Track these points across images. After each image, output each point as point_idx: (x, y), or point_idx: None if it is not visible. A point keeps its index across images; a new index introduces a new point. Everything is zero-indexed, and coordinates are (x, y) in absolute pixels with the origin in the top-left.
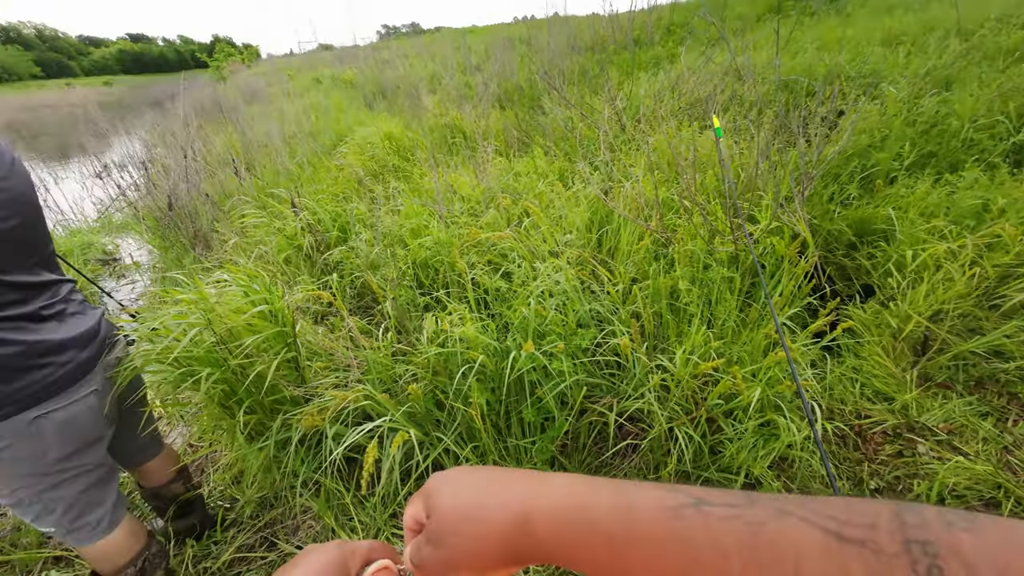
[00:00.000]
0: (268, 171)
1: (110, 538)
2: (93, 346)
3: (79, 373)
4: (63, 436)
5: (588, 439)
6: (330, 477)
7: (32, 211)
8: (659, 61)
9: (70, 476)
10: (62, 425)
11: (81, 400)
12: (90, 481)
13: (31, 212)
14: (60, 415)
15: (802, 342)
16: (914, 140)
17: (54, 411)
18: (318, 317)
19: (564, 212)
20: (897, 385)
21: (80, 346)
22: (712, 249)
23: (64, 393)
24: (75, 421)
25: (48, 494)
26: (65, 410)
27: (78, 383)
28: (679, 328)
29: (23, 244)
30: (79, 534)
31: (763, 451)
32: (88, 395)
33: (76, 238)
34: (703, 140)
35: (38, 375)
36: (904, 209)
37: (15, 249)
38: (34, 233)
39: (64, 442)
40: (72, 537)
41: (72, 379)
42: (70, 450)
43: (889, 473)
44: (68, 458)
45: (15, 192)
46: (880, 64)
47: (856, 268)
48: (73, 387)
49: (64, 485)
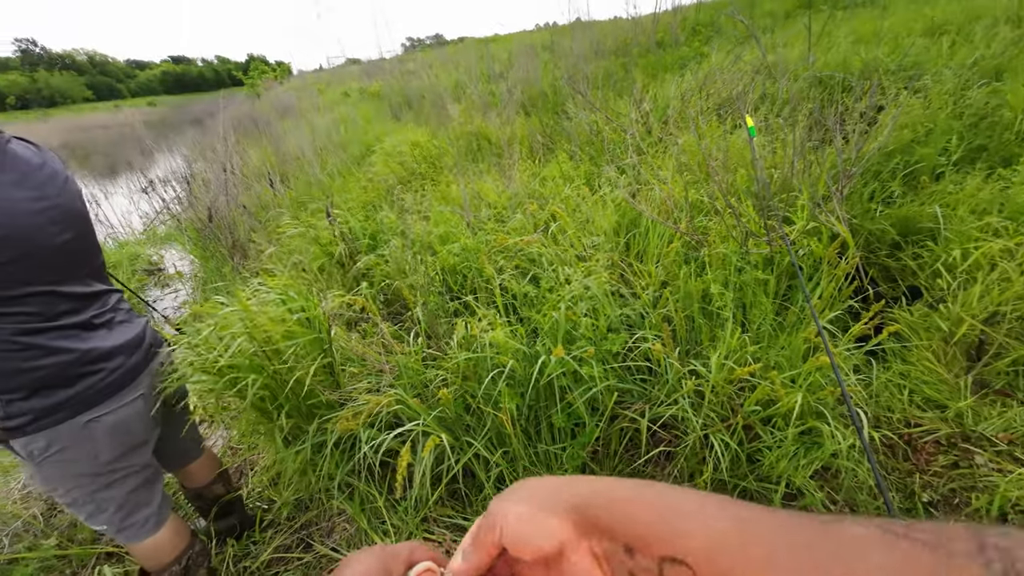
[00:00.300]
0: (301, 182)
1: (157, 536)
2: (139, 352)
3: (128, 378)
4: (113, 438)
5: (620, 446)
6: (363, 480)
7: (84, 225)
8: (686, 62)
9: (120, 477)
10: (112, 428)
11: (129, 404)
12: (138, 482)
13: (83, 226)
14: (110, 418)
15: (844, 346)
16: (962, 134)
17: (105, 415)
18: (351, 323)
19: (591, 216)
20: (950, 392)
21: (128, 353)
22: (745, 251)
23: (114, 397)
24: (124, 424)
25: (100, 494)
26: (115, 414)
27: (127, 388)
28: (712, 332)
29: (76, 256)
30: (128, 532)
31: (804, 460)
32: (136, 399)
33: (125, 250)
34: (734, 140)
35: (90, 380)
36: (952, 206)
37: (69, 261)
38: (85, 246)
39: (114, 444)
40: (122, 535)
41: (121, 384)
42: (119, 452)
43: (944, 485)
44: (118, 460)
45: (68, 207)
46: (922, 56)
47: (901, 269)
48: (122, 392)
49: (114, 486)
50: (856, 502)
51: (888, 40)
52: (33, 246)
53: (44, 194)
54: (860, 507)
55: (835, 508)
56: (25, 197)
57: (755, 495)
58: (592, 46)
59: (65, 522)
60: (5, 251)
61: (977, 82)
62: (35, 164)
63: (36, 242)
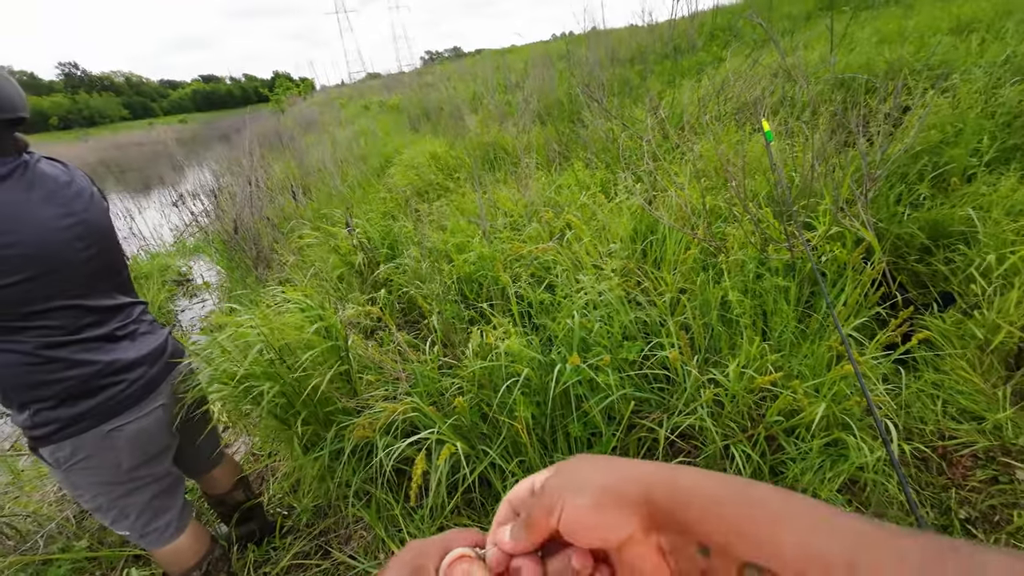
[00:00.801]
0: (322, 194)
1: (178, 542)
2: (161, 363)
3: (149, 388)
4: (134, 447)
5: (637, 456)
6: (380, 488)
7: (109, 240)
8: (703, 67)
9: (141, 484)
10: (134, 437)
11: (150, 413)
12: (159, 489)
13: (108, 241)
14: (132, 427)
15: (871, 355)
16: (994, 133)
17: (127, 424)
18: (368, 332)
19: (607, 223)
20: (987, 403)
21: (150, 363)
22: (765, 258)
23: (136, 407)
24: (145, 433)
25: (122, 500)
26: (136, 423)
27: (148, 397)
28: (732, 340)
29: (101, 271)
30: (150, 538)
31: (830, 472)
32: (156, 409)
33: (156, 261)
34: (752, 144)
35: (113, 391)
36: (986, 208)
37: (94, 276)
38: (110, 260)
39: (136, 453)
40: (144, 541)
41: (143, 394)
42: (141, 460)
43: (982, 502)
44: (139, 467)
45: (94, 224)
46: (950, 54)
47: (932, 274)
48: (143, 401)
49: (136, 492)
50: (887, 517)
51: (913, 39)
52: (59, 262)
53: (71, 211)
54: (891, 522)
55: None
56: (53, 214)
57: None
58: (608, 54)
59: (96, 525)
60: (31, 267)
61: (1010, 80)
62: (62, 182)
63: (62, 257)
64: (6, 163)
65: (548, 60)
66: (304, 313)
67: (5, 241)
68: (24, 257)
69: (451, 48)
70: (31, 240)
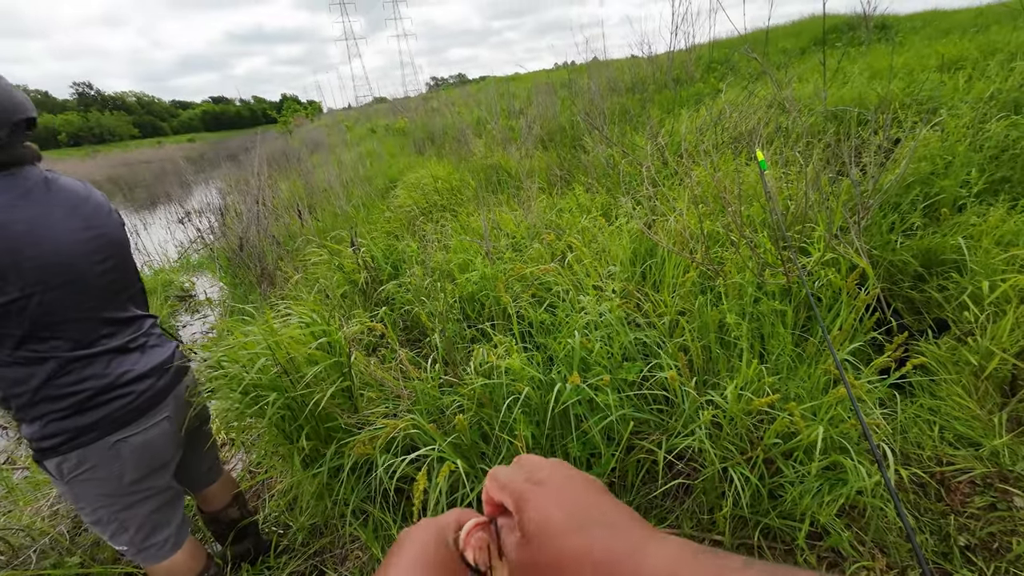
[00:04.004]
0: (328, 213)
1: (174, 558)
2: (168, 375)
3: (155, 400)
4: (139, 459)
5: (636, 478)
6: (378, 507)
7: (125, 253)
8: (701, 98)
9: (142, 497)
10: (139, 448)
11: (156, 425)
12: (159, 503)
13: (124, 254)
14: (137, 439)
15: (867, 379)
16: (983, 166)
17: (133, 435)
18: (370, 348)
19: (607, 246)
20: (983, 429)
21: (157, 375)
22: (762, 282)
23: (143, 419)
24: (150, 445)
25: (123, 513)
26: (142, 435)
27: (154, 409)
28: (730, 363)
29: (117, 284)
30: (147, 553)
31: (829, 497)
32: (161, 420)
33: (159, 277)
34: (748, 172)
35: (121, 402)
36: (976, 238)
37: (110, 289)
38: (126, 273)
39: (140, 465)
40: (141, 556)
41: (150, 406)
42: (144, 472)
43: (981, 529)
44: (141, 480)
45: (111, 237)
46: (938, 90)
47: (926, 301)
48: (150, 413)
49: (137, 505)
50: (886, 543)
51: (903, 75)
52: (79, 274)
53: (90, 224)
54: (891, 549)
55: (863, 549)
56: (74, 228)
57: (778, 533)
58: (609, 83)
59: (89, 541)
60: (53, 280)
61: (996, 115)
62: (82, 196)
63: (82, 270)
64: (29, 176)
65: (550, 88)
66: (309, 328)
67: (29, 254)
68: (46, 270)
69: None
70: (53, 254)
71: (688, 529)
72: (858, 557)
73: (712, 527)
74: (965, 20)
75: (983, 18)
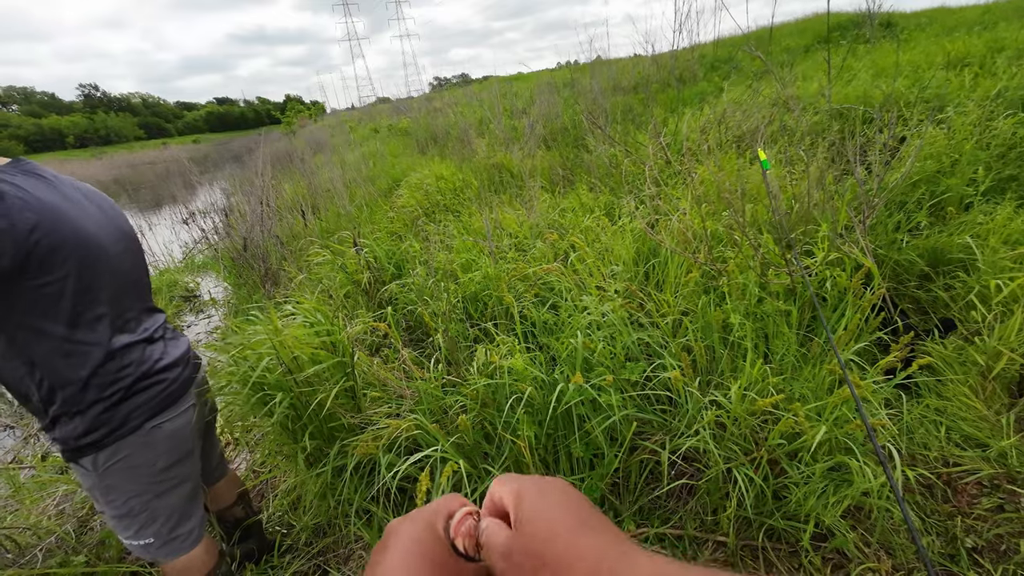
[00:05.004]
0: (331, 214)
1: (193, 553)
2: (190, 366)
3: (184, 388)
4: (171, 445)
5: (639, 479)
6: (381, 507)
7: (137, 245)
8: (704, 96)
9: (172, 485)
10: (171, 435)
11: (183, 413)
12: (186, 492)
13: (136, 246)
14: (169, 426)
15: (872, 379)
16: (989, 164)
17: (166, 422)
18: (373, 348)
19: (610, 246)
20: (991, 430)
21: (183, 365)
22: (765, 282)
23: (174, 406)
24: (180, 432)
25: (155, 502)
26: (172, 421)
27: (183, 397)
28: (733, 363)
29: (136, 272)
30: (173, 544)
31: (834, 498)
32: (187, 409)
33: (164, 277)
34: (752, 172)
35: (158, 388)
36: (983, 237)
37: (132, 275)
38: (141, 264)
39: (171, 451)
40: (166, 548)
41: (180, 393)
42: (175, 459)
43: (988, 531)
44: (172, 467)
45: (124, 227)
46: (943, 88)
47: (932, 301)
48: (180, 400)
49: (167, 494)
50: (892, 545)
51: (908, 73)
52: (108, 256)
53: (105, 212)
54: (897, 550)
55: (869, 551)
56: (94, 213)
57: (782, 534)
58: (611, 82)
59: (95, 539)
60: (91, 260)
61: (1003, 113)
62: (91, 189)
63: (109, 253)
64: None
65: (553, 88)
66: (313, 328)
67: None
68: (84, 249)
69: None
70: (87, 235)
71: (692, 530)
72: (863, 559)
73: (716, 528)
74: (972, 17)
75: (990, 15)
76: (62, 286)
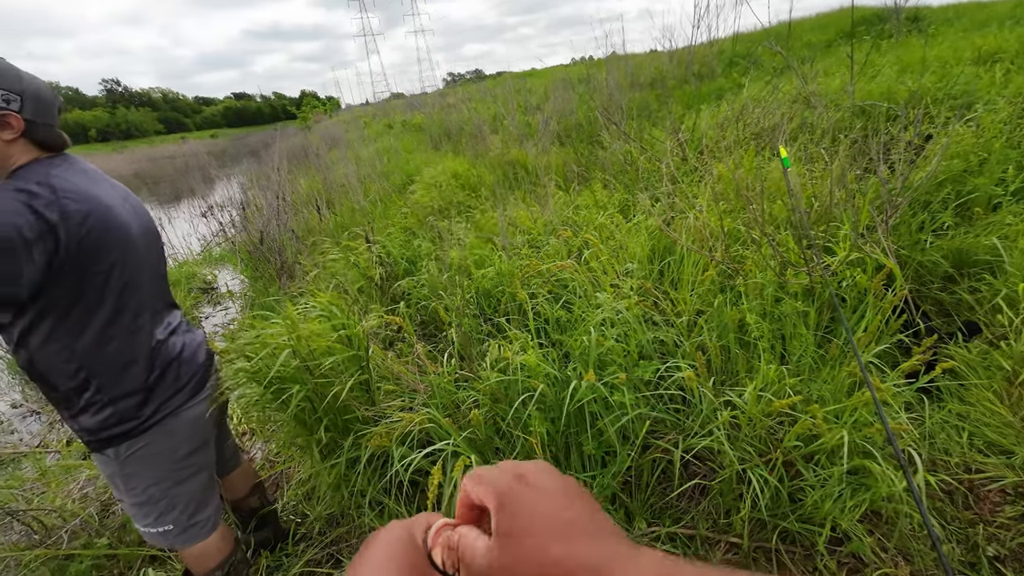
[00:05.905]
0: (346, 209)
1: (209, 540)
2: (207, 357)
3: (205, 377)
4: (192, 432)
5: (652, 477)
6: (393, 499)
7: (159, 242)
8: (722, 93)
9: (192, 472)
10: (192, 422)
11: (202, 401)
12: (203, 480)
13: (159, 242)
14: (189, 413)
15: (893, 382)
16: (1020, 163)
17: (187, 409)
18: (387, 342)
19: (624, 243)
20: (1016, 436)
21: (201, 356)
22: (783, 282)
23: (197, 393)
24: (199, 419)
25: (174, 489)
26: (192, 409)
27: (204, 385)
28: (749, 363)
29: (160, 266)
30: (192, 531)
31: (851, 502)
32: (206, 397)
33: (183, 269)
34: (771, 169)
35: (183, 379)
36: (1012, 238)
37: (158, 269)
38: (163, 258)
39: (193, 438)
40: (184, 536)
41: (202, 381)
42: (195, 446)
43: (1012, 539)
44: (192, 454)
45: (148, 224)
46: (972, 84)
47: (956, 303)
48: (203, 387)
49: (187, 481)
50: (910, 551)
51: (935, 69)
52: (140, 249)
53: (134, 208)
54: (915, 557)
55: (886, 556)
56: (127, 208)
57: (797, 536)
58: (627, 78)
59: (117, 523)
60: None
61: None
62: (123, 187)
63: (140, 246)
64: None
65: (568, 83)
66: (329, 322)
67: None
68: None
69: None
70: (126, 228)
71: (704, 531)
72: (880, 564)
73: (729, 529)
74: (1003, 11)
75: (1022, 9)
76: (107, 277)
